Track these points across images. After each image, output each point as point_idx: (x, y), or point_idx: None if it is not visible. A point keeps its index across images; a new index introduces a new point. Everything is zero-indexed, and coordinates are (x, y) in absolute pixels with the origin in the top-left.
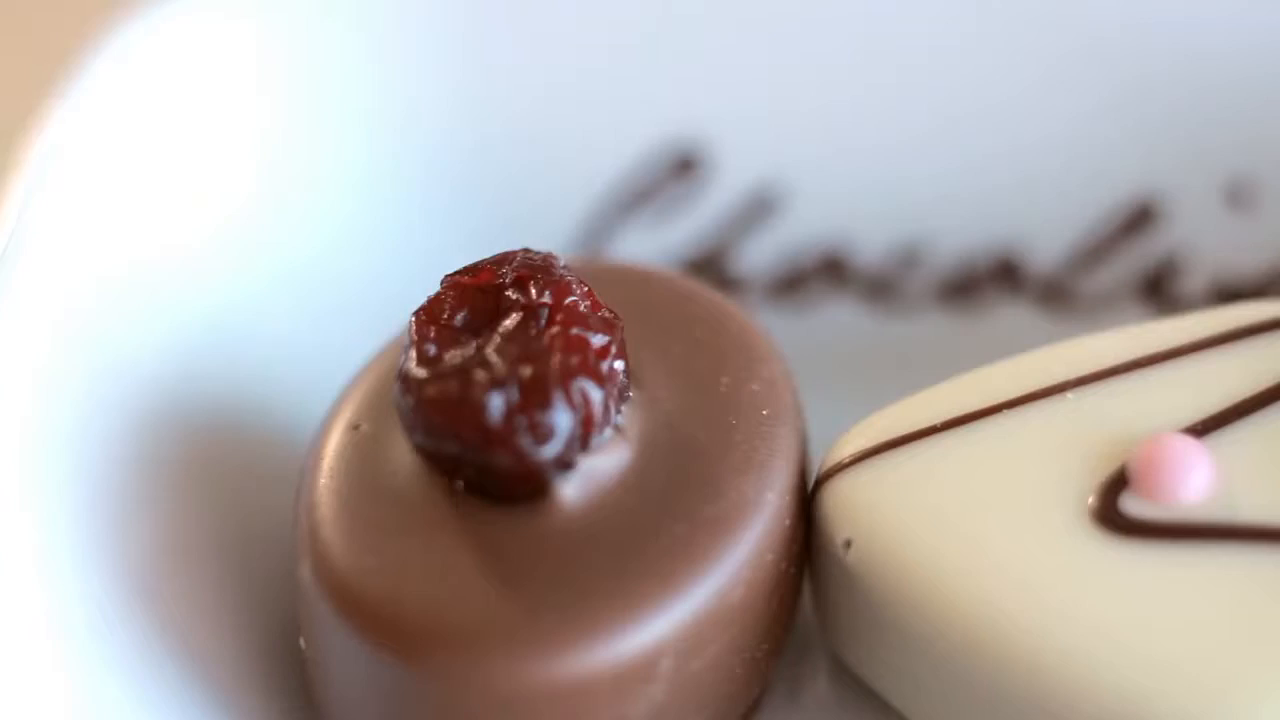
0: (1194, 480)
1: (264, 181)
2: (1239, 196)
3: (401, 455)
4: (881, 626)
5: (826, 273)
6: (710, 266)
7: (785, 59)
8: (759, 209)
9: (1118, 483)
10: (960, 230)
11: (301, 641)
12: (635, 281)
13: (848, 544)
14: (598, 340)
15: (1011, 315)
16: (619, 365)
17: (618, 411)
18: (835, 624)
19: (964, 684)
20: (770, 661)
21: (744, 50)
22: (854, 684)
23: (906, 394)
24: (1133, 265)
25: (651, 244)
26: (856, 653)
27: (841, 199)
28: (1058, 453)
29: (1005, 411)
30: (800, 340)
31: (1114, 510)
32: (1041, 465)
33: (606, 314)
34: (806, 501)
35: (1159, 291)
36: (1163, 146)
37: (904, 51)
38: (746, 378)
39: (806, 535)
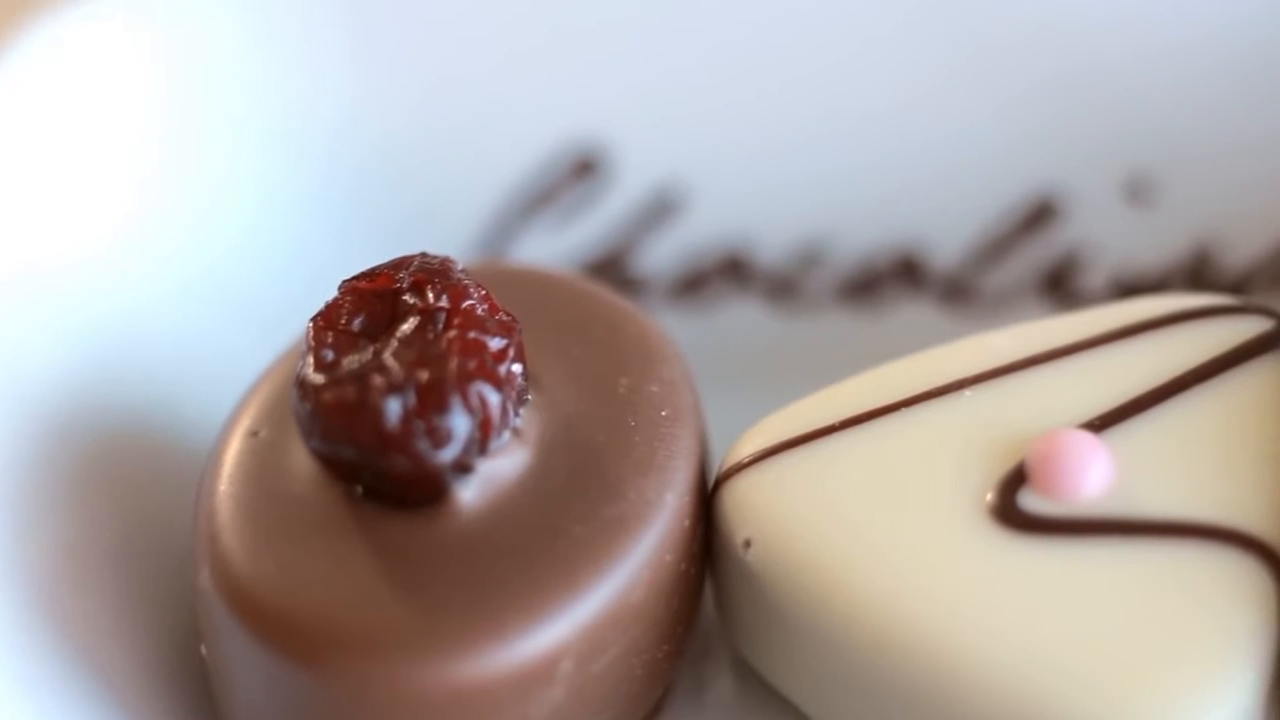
0: (1092, 476)
1: (161, 187)
2: (1138, 192)
3: (300, 461)
4: (782, 625)
5: (728, 272)
6: (612, 267)
7: (685, 59)
8: (660, 210)
9: (1016, 479)
10: (861, 229)
11: (203, 648)
12: (535, 284)
13: (747, 544)
14: (495, 343)
15: (913, 313)
16: (517, 368)
17: (516, 414)
18: (737, 623)
19: (863, 681)
20: (672, 662)
21: (644, 51)
22: (757, 683)
23: (809, 393)
24: (1033, 262)
25: (554, 246)
26: (759, 652)
27: (742, 199)
28: (956, 450)
29: (903, 410)
30: (702, 340)
31: (1012, 507)
32: (940, 462)
33: (504, 317)
34: (707, 502)
35: (1060, 288)
36: (1062, 143)
37: (803, 51)
38: (646, 379)
39: (707, 535)
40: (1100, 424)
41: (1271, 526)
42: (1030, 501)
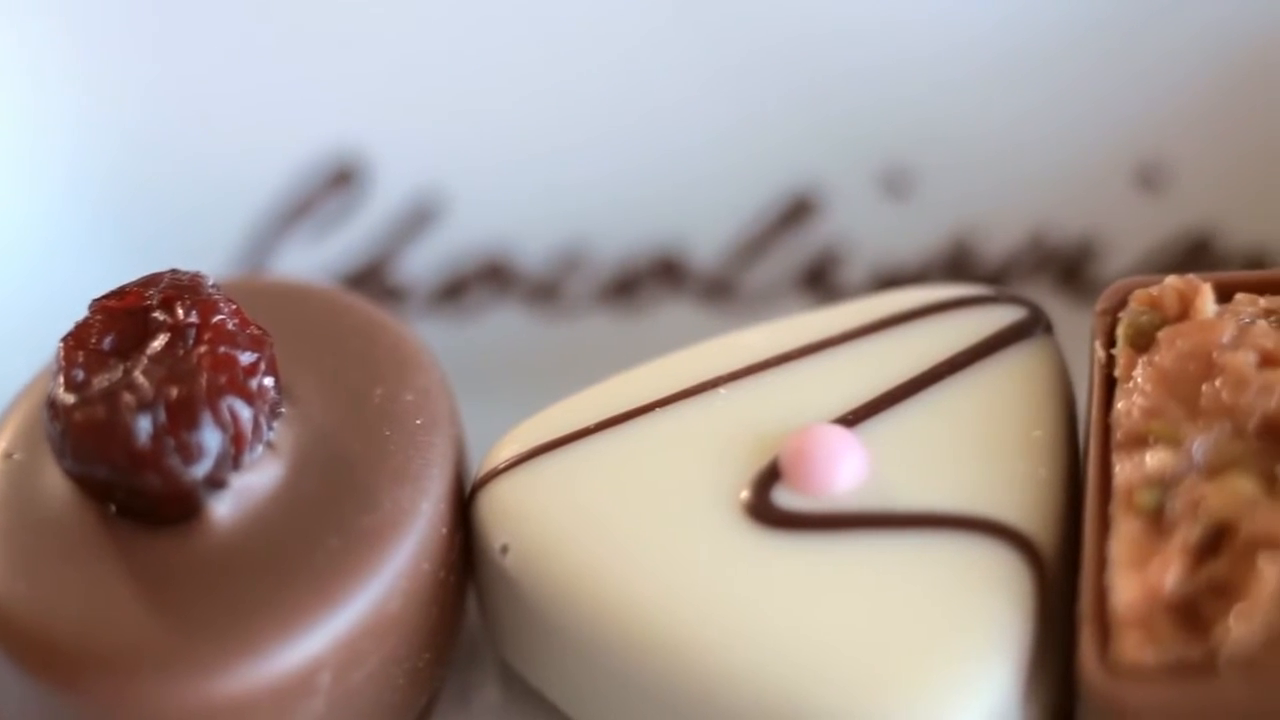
0: (844, 470)
1: None
2: (894, 185)
3: (55, 482)
4: (543, 630)
5: (488, 278)
6: (372, 277)
7: (439, 65)
8: (419, 218)
9: (770, 476)
10: (620, 231)
11: None
12: (290, 297)
13: (504, 549)
14: (246, 358)
15: (674, 313)
16: (269, 382)
17: (270, 428)
18: (500, 629)
19: (621, 683)
20: (435, 670)
21: (398, 59)
22: (523, 688)
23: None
24: (792, 258)
25: (313, 258)
26: (522, 657)
27: (501, 204)
28: (711, 449)
29: (658, 410)
30: (464, 347)
31: (766, 503)
32: (695, 462)
33: (255, 331)
34: (464, 509)
35: (820, 283)
36: (817, 139)
37: (559, 55)
38: (401, 388)
39: (467, 542)
40: (854, 418)
41: (1027, 515)
42: (784, 498)
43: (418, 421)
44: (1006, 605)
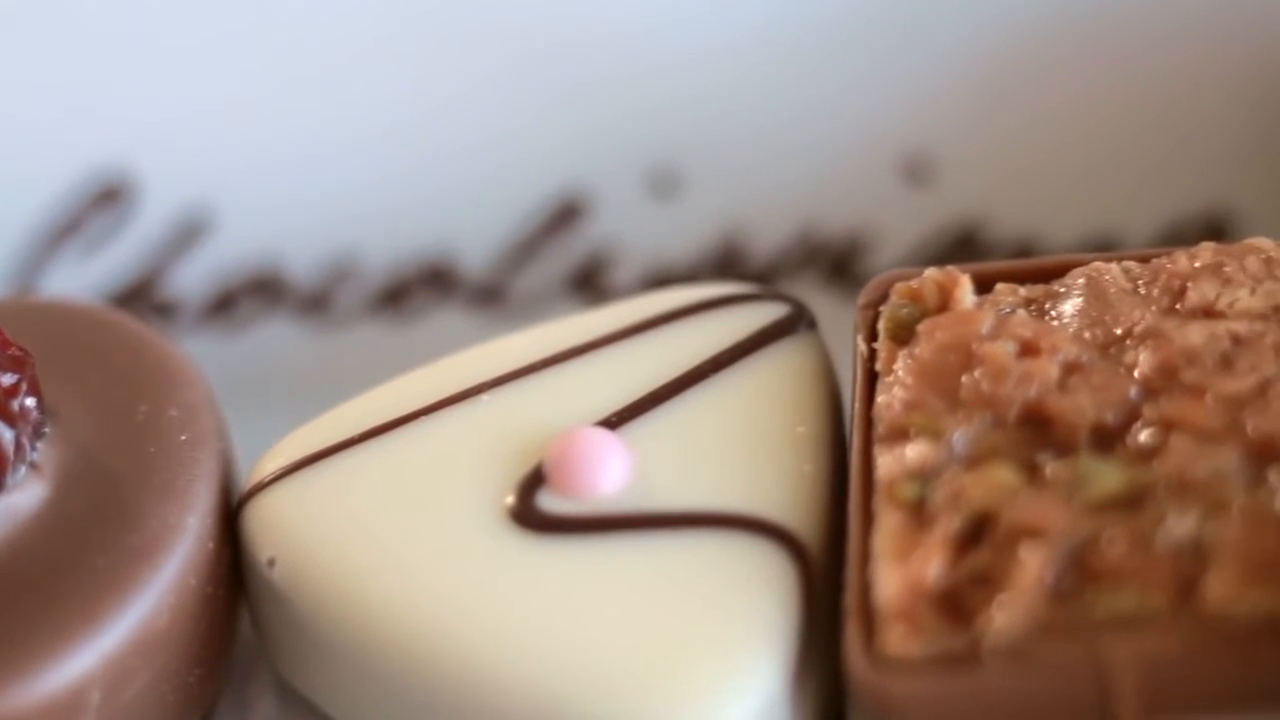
0: (608, 472)
1: None
2: (661, 186)
3: None
4: (314, 642)
5: (258, 291)
6: (142, 294)
7: (202, 79)
8: (186, 233)
9: (534, 480)
10: (389, 239)
11: None
12: (54, 316)
13: (271, 562)
14: (6, 379)
15: (446, 321)
16: (30, 402)
17: (33, 449)
18: (274, 642)
19: (393, 692)
20: (207, 685)
21: (160, 74)
22: (300, 701)
23: None
24: (562, 261)
25: (83, 277)
26: (296, 670)
27: (269, 217)
28: (476, 455)
29: (423, 418)
30: (236, 360)
31: (531, 508)
32: (460, 468)
33: (16, 352)
34: (232, 523)
35: (591, 285)
36: (582, 142)
37: (321, 63)
38: (165, 404)
39: (236, 556)
40: (617, 420)
41: (791, 511)
42: (549, 502)
43: (183, 437)
44: (772, 602)
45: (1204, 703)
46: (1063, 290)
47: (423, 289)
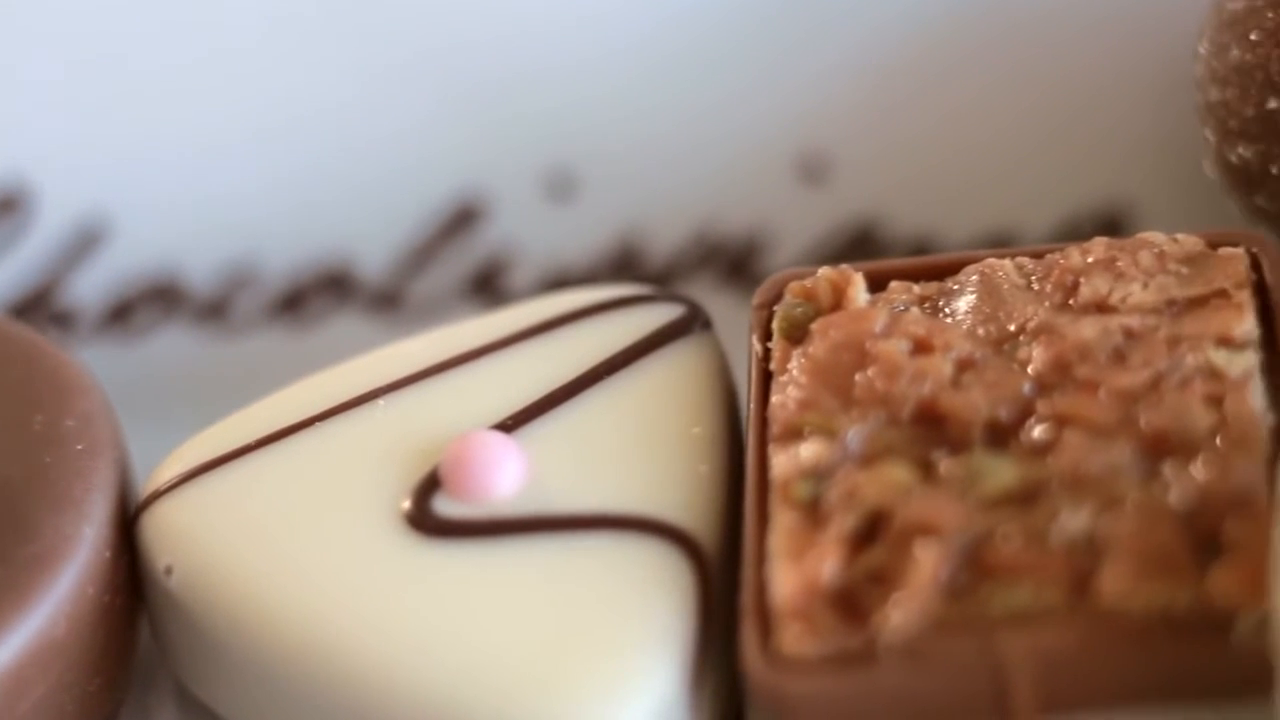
0: (503, 476)
1: None
2: (558, 188)
3: None
4: (214, 650)
5: (156, 299)
6: (39, 305)
7: (94, 86)
8: (84, 242)
9: (430, 485)
10: (288, 245)
11: None
12: None
13: (169, 570)
14: None
15: (345, 326)
16: None
17: None
18: (173, 651)
19: (293, 698)
20: (107, 695)
21: (51, 82)
22: (201, 709)
23: None
24: (460, 265)
25: None
26: (196, 678)
27: (167, 224)
28: (372, 460)
29: (319, 424)
30: (135, 369)
31: (426, 513)
32: (356, 474)
33: None
34: (130, 531)
35: (489, 289)
36: (479, 145)
37: (214, 68)
38: (61, 414)
39: (134, 565)
40: (513, 423)
41: (687, 512)
42: (445, 506)
43: (79, 447)
44: (668, 603)
45: (1100, 697)
46: (956, 287)
47: (321, 295)
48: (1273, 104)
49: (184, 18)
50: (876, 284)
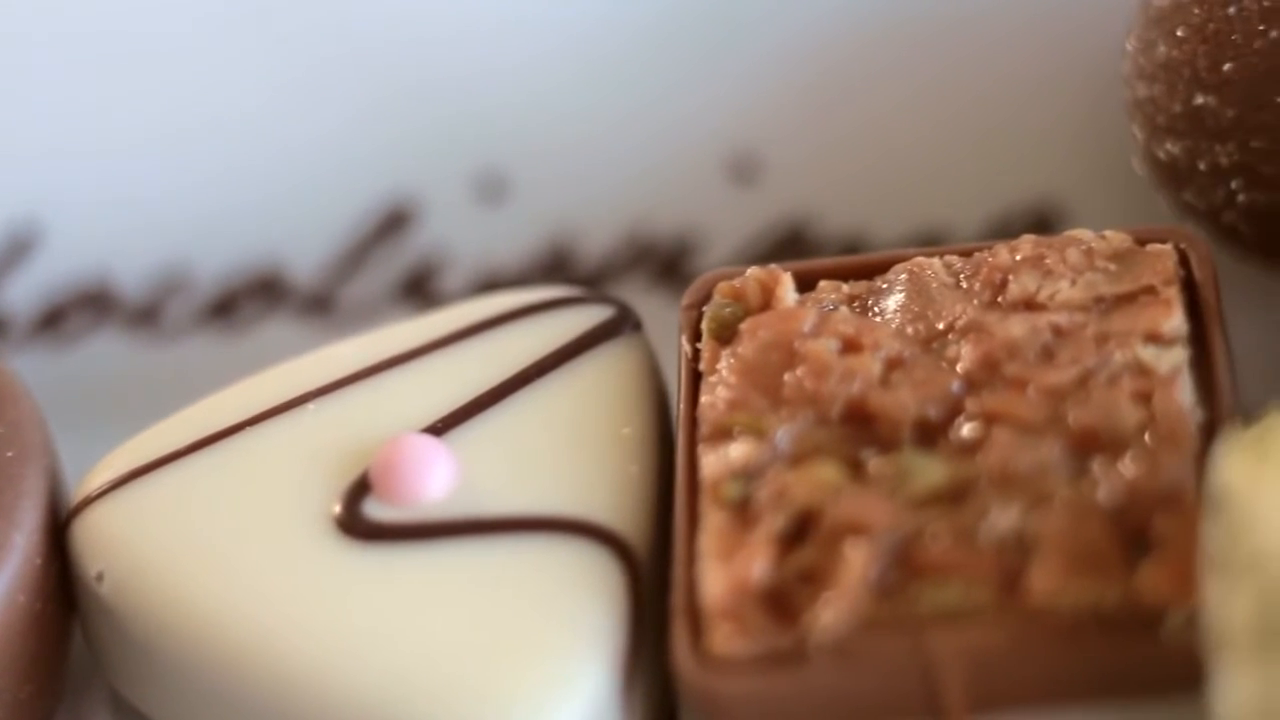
0: (433, 479)
1: None
2: (489, 191)
3: None
4: (146, 656)
5: (87, 306)
6: None
7: (21, 92)
8: (14, 249)
9: (360, 489)
10: (219, 251)
11: None
12: None
13: (100, 576)
14: None
15: (276, 331)
16: None
17: None
18: (107, 657)
19: (226, 703)
20: (40, 702)
21: None
22: (135, 715)
23: None
24: (391, 269)
25: None
26: (129, 684)
27: (98, 231)
28: (303, 464)
29: (250, 428)
30: (66, 376)
31: (357, 517)
32: (287, 479)
33: None
34: (61, 538)
35: (421, 292)
36: (409, 148)
37: (142, 73)
38: None
39: (66, 572)
40: (443, 426)
41: (617, 513)
42: (375, 510)
43: (9, 454)
44: (599, 604)
45: (1030, 695)
46: (885, 286)
47: (252, 299)
48: (1199, 100)
49: (111, 25)
50: (806, 283)
